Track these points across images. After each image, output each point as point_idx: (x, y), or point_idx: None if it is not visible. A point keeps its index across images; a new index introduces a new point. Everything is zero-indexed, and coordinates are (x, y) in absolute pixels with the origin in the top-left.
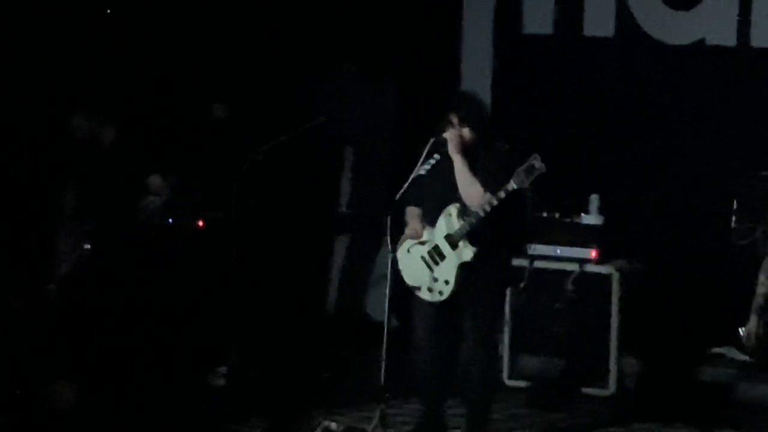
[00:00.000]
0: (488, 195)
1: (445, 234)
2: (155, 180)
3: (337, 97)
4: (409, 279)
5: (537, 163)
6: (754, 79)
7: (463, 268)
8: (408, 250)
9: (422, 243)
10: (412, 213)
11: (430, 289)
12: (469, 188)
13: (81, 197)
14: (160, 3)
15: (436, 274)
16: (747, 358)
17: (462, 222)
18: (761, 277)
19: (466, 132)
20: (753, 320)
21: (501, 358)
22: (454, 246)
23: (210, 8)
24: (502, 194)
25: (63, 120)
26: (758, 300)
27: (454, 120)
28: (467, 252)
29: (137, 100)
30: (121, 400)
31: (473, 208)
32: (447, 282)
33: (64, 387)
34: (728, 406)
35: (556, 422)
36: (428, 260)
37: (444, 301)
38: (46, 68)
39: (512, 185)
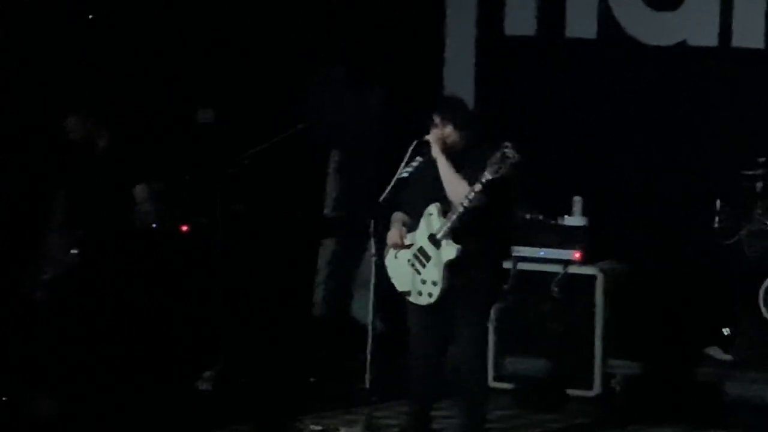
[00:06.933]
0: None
1: (427, 235)
2: (140, 191)
3: (322, 100)
4: (399, 285)
5: (508, 151)
6: (736, 79)
7: (451, 268)
8: (395, 256)
9: (407, 247)
10: (397, 219)
11: (420, 293)
12: (455, 187)
13: (70, 202)
14: (146, 8)
15: (423, 276)
16: (731, 357)
17: (443, 220)
18: None
19: (449, 133)
20: None
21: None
22: (437, 245)
23: (196, 14)
24: (478, 186)
25: (56, 123)
26: None
27: (437, 121)
28: (450, 250)
29: (124, 105)
30: (108, 405)
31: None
32: (435, 283)
33: (46, 397)
34: (714, 406)
35: (542, 423)
36: (414, 263)
37: (435, 302)
38: (36, 73)
39: (486, 176)
